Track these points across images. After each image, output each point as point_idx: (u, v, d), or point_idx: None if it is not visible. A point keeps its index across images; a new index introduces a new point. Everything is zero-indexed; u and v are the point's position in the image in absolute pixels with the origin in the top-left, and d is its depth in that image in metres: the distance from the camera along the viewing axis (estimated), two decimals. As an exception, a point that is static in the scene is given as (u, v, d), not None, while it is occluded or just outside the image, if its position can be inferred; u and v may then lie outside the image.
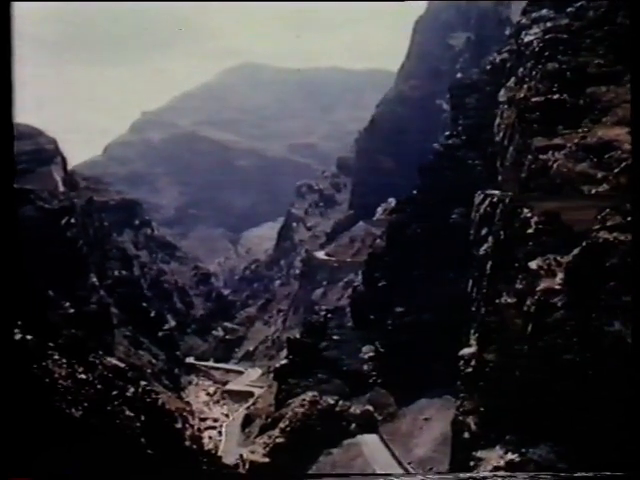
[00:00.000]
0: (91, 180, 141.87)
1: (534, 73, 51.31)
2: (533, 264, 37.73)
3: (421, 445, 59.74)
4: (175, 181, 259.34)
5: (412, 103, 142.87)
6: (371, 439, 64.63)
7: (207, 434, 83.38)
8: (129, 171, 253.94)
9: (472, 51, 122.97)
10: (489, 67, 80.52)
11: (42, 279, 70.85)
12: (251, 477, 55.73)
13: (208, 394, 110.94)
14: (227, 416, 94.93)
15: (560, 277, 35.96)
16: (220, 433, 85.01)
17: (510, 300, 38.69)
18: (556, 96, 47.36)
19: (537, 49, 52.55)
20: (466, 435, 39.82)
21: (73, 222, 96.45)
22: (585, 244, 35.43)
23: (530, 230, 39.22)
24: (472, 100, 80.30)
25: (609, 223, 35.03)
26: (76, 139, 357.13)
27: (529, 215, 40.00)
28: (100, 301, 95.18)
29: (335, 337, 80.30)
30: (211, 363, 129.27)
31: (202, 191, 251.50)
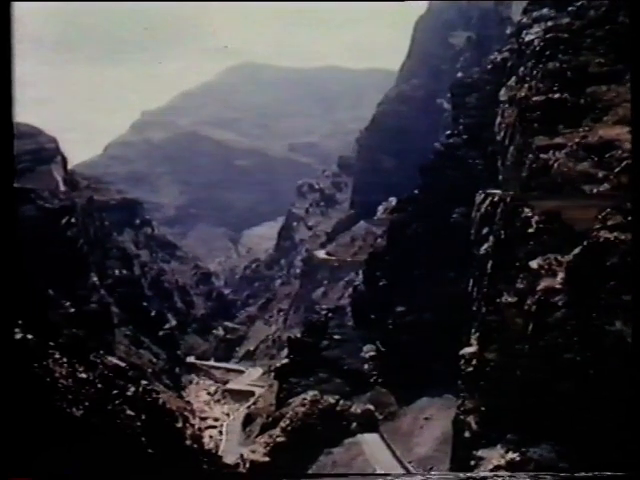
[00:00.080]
0: (92, 179, 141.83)
1: (535, 72, 51.28)
2: (534, 263, 37.72)
3: (422, 444, 59.71)
4: (176, 180, 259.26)
5: (413, 102, 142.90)
6: (372, 438, 64.64)
7: (208, 433, 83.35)
8: (130, 170, 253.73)
9: (473, 50, 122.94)
10: (490, 66, 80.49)
11: (42, 278, 70.90)
12: (252, 476, 55.79)
13: (209, 393, 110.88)
14: (228, 415, 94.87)
15: (561, 276, 35.95)
16: (221, 432, 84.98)
17: (511, 299, 38.66)
18: (557, 95, 47.33)
19: (538, 48, 52.51)
20: (467, 434, 39.82)
21: (73, 221, 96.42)
22: (586, 243, 35.42)
23: (531, 229, 39.19)
24: (473, 99, 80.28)
25: (610, 222, 35.01)
26: (76, 138, 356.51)
27: (530, 214, 39.96)
28: (101, 300, 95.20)
29: (336, 336, 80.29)
30: (212, 362, 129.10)
31: (203, 190, 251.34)
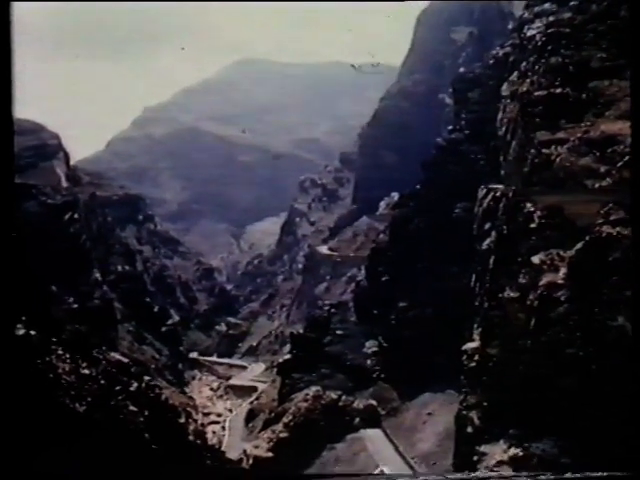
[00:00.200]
0: (94, 175, 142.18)
1: (537, 67, 51.15)
2: (536, 258, 37.63)
3: (424, 440, 59.77)
4: (178, 176, 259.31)
5: (415, 97, 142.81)
6: (374, 434, 64.72)
7: (211, 429, 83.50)
8: (132, 166, 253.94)
9: (475, 45, 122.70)
10: (492, 61, 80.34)
11: (45, 274, 71.02)
12: (255, 472, 55.94)
13: (212, 389, 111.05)
14: (230, 411, 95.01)
15: (563, 271, 35.87)
16: (224, 428, 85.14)
17: (513, 294, 38.59)
18: (559, 90, 47.21)
19: (540, 43, 52.35)
20: (469, 430, 39.79)
21: (76, 217, 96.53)
22: (588, 238, 35.32)
23: (533, 224, 39.09)
24: (475, 94, 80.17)
25: (612, 217, 34.92)
26: (78, 134, 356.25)
27: (532, 209, 39.86)
28: (103, 296, 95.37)
29: (338, 332, 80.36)
30: (214, 358, 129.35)
31: (205, 186, 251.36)
